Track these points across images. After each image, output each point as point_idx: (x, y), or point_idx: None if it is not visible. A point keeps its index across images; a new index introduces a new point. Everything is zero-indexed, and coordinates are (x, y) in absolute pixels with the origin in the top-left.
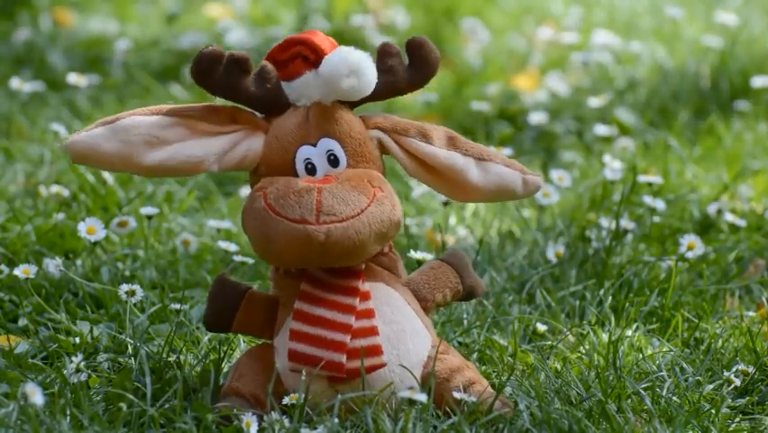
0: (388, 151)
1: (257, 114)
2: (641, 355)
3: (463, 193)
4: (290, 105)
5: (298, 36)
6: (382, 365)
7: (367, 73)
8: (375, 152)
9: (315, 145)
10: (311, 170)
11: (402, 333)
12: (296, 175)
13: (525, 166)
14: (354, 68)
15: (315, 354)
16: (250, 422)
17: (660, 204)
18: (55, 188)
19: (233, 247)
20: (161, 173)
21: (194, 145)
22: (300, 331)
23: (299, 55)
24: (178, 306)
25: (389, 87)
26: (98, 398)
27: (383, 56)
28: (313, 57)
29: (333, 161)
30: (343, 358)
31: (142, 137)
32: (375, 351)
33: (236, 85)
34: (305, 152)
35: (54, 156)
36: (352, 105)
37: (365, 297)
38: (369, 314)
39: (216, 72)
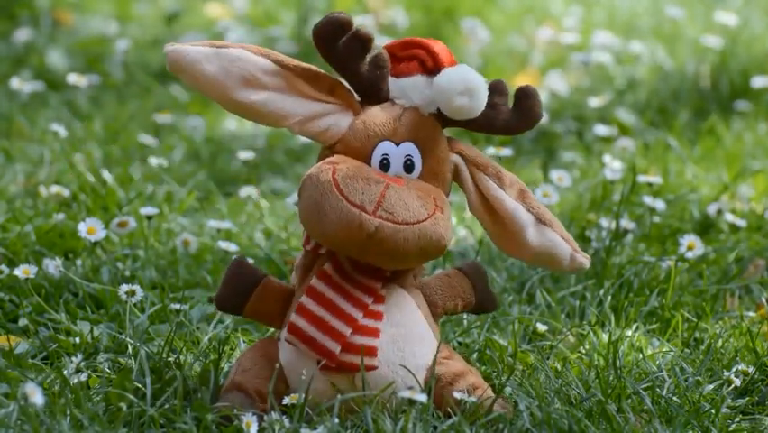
0: (461, 180)
1: (355, 94)
2: (641, 355)
3: (513, 247)
4: (389, 99)
5: (421, 40)
6: (374, 368)
7: (480, 97)
8: (449, 176)
9: (397, 145)
10: (385, 166)
11: (409, 336)
12: (369, 165)
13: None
14: (470, 88)
15: (312, 335)
16: (250, 422)
17: (660, 204)
18: (55, 189)
19: (233, 247)
20: (246, 114)
21: (286, 99)
22: (307, 308)
23: (416, 57)
24: (178, 306)
25: (488, 122)
26: (98, 398)
27: (493, 91)
28: (430, 63)
29: (409, 166)
30: (338, 348)
31: (243, 72)
32: (370, 351)
33: (350, 60)
34: (385, 147)
35: (54, 156)
36: (445, 123)
37: (379, 300)
38: (377, 316)
39: (338, 41)
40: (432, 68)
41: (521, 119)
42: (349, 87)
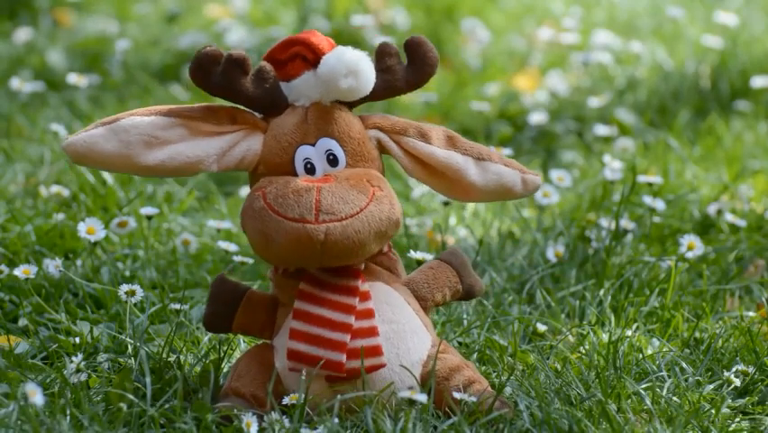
0: (387, 150)
1: (256, 114)
2: (641, 355)
3: (462, 192)
4: (289, 105)
5: (297, 36)
6: (382, 366)
7: (365, 73)
8: (374, 152)
9: (313, 145)
10: (310, 169)
11: (402, 332)
12: (295, 175)
13: (524, 165)
14: (352, 68)
15: (314, 354)
16: (250, 422)
17: (660, 204)
18: (55, 188)
19: (233, 247)
20: (161, 173)
21: (193, 145)
22: (300, 330)
23: (298, 55)
24: (178, 306)
25: (388, 86)
26: (98, 398)
27: (382, 56)
28: (311, 57)
29: (333, 160)
30: (343, 358)
31: (141, 137)
32: (375, 351)
33: (235, 85)
34: (304, 152)
35: (54, 156)
36: (351, 105)
37: (365, 297)
38: (369, 314)
39: (214, 73)
40: (314, 60)
41: (420, 69)
42: (247, 110)
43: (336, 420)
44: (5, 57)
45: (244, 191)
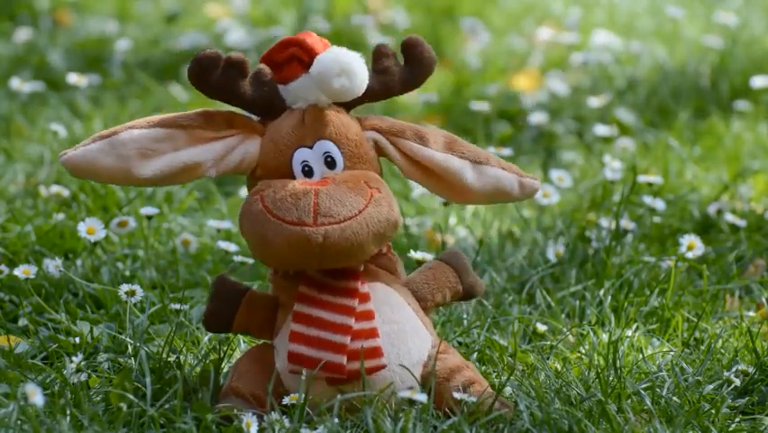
0: (384, 152)
1: (253, 117)
2: (641, 355)
3: (460, 195)
4: (286, 107)
5: (293, 37)
6: (383, 367)
7: (358, 73)
8: (371, 154)
9: (311, 147)
10: (308, 172)
11: (402, 332)
12: (293, 177)
13: (522, 169)
14: (345, 68)
15: (315, 356)
16: (250, 422)
17: (660, 204)
18: (55, 188)
19: (232, 247)
20: (160, 183)
21: (190, 152)
22: (300, 333)
23: (294, 57)
24: (178, 306)
25: (385, 87)
26: (98, 398)
27: (378, 57)
28: (307, 59)
29: (330, 162)
30: (344, 359)
31: (139, 150)
32: (375, 353)
33: (233, 88)
34: (301, 155)
35: (54, 156)
36: (348, 106)
37: (364, 298)
38: (368, 315)
39: (213, 75)
40: (309, 62)
41: (416, 70)
42: (244, 113)
43: (336, 420)
44: (5, 57)
45: (244, 191)
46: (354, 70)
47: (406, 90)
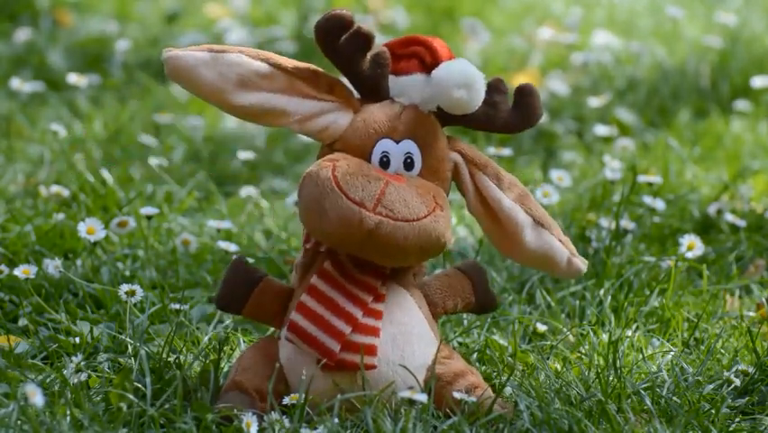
0: (460, 178)
1: (354, 92)
2: (641, 355)
3: (510, 248)
4: (388, 97)
5: (420, 37)
6: (373, 366)
7: (478, 89)
8: (448, 174)
9: (397, 142)
10: (385, 163)
11: (409, 335)
12: (369, 162)
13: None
14: (468, 81)
15: (312, 333)
16: (250, 422)
17: (660, 204)
18: (55, 188)
19: (233, 247)
20: (245, 116)
21: (285, 100)
22: (307, 306)
23: (416, 55)
24: (178, 306)
25: (487, 120)
26: (98, 398)
27: (491, 90)
28: (429, 60)
29: (409, 164)
30: (337, 347)
31: (240, 76)
32: (370, 350)
33: (352, 58)
34: (385, 145)
35: (54, 156)
36: (444, 121)
37: (379, 299)
38: (376, 315)
39: (339, 38)
40: (430, 64)
41: (521, 117)
42: (348, 85)
43: (336, 420)
44: (5, 57)
45: (244, 191)
46: (476, 87)
47: (504, 131)
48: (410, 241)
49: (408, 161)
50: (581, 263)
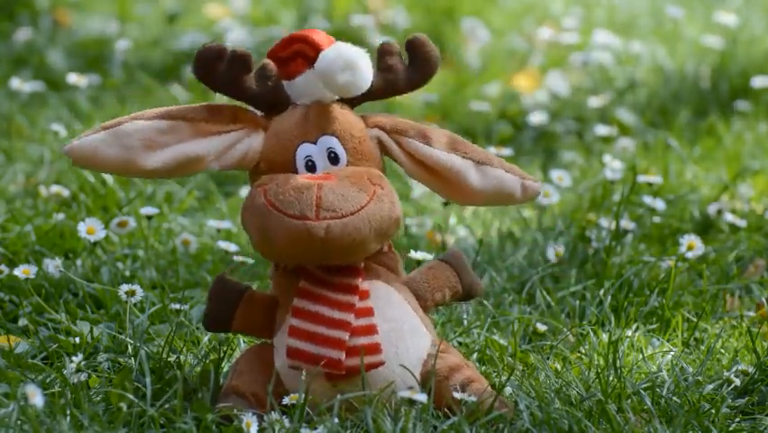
0: (388, 150)
1: (257, 112)
2: (641, 355)
3: (461, 196)
4: (290, 103)
5: (298, 33)
6: (381, 363)
7: (362, 68)
8: (375, 151)
9: (315, 143)
10: (311, 167)
11: (401, 331)
12: (296, 173)
13: (522, 170)
14: (350, 63)
15: (313, 352)
16: (250, 422)
17: (660, 204)
18: (55, 188)
19: (232, 247)
20: (163, 175)
21: (194, 145)
22: (299, 328)
23: (299, 53)
24: (178, 306)
25: (389, 85)
26: (98, 398)
27: (383, 55)
28: (312, 55)
29: (334, 158)
30: (342, 355)
31: (143, 141)
32: (374, 349)
33: (238, 82)
34: (305, 150)
35: (54, 156)
36: (352, 104)
37: (364, 295)
38: (368, 312)
39: (218, 68)
40: (314, 57)
41: (421, 70)
42: (249, 108)
43: (336, 420)
44: (5, 57)
45: (244, 191)
46: (359, 65)
47: (410, 89)
48: (363, 231)
49: (332, 155)
50: (535, 184)
